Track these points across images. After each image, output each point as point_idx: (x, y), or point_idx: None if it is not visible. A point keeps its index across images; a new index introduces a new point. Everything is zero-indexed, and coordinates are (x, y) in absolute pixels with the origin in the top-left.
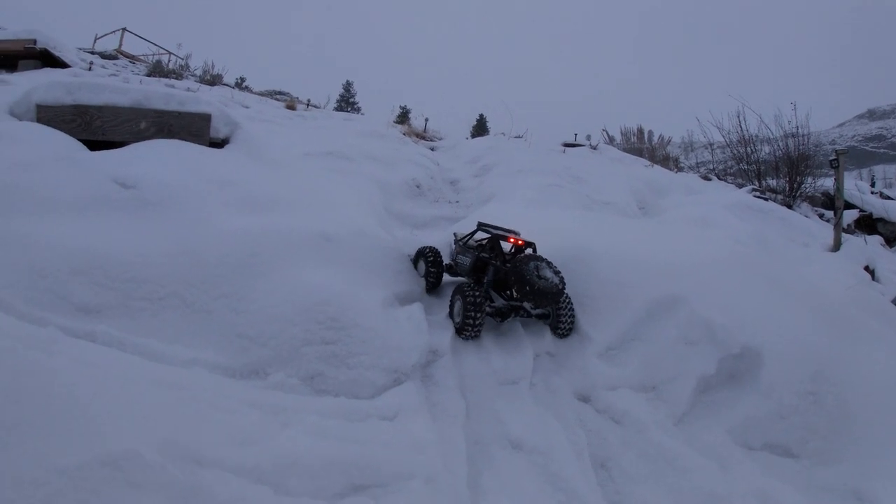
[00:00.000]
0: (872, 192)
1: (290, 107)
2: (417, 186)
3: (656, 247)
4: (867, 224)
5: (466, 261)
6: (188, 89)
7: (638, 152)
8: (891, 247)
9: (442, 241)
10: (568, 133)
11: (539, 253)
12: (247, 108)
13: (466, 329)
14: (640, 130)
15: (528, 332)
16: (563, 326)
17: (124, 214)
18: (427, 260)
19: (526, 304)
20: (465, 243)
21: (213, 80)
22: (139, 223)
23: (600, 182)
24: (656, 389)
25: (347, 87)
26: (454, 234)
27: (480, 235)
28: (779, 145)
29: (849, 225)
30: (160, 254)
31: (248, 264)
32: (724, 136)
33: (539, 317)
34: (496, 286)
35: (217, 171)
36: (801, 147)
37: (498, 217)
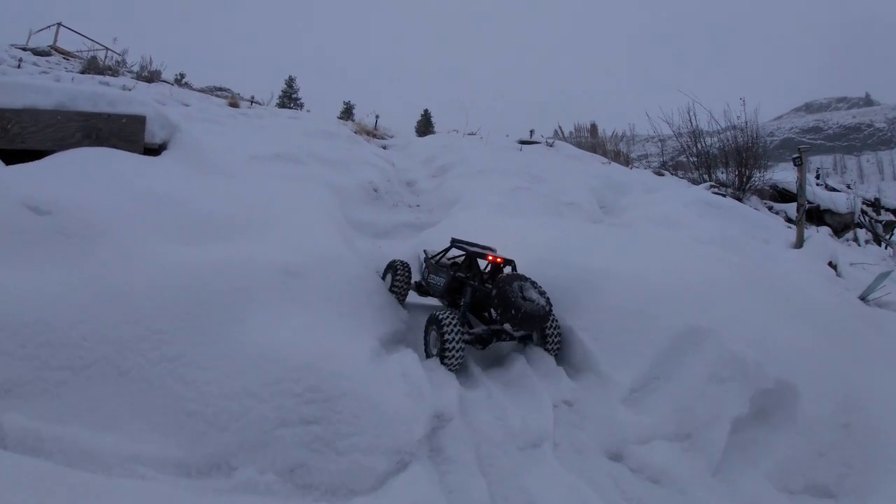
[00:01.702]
0: (818, 184)
1: (233, 104)
2: (375, 190)
3: (662, 265)
4: (815, 216)
5: (440, 281)
6: (124, 87)
7: (592, 148)
8: (838, 237)
9: (408, 252)
10: (518, 131)
11: (519, 270)
12: (187, 106)
13: (448, 360)
14: (594, 127)
15: (538, 375)
16: (552, 345)
17: (38, 251)
18: (396, 274)
19: (507, 326)
20: (437, 262)
21: (151, 77)
22: (56, 263)
23: (561, 181)
24: (691, 438)
25: (290, 82)
26: (424, 251)
27: (455, 252)
28: (727, 139)
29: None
30: (83, 304)
31: (195, 316)
32: (673, 131)
33: (521, 339)
34: (473, 308)
35: (153, 186)
36: (749, 141)
37: (467, 228)
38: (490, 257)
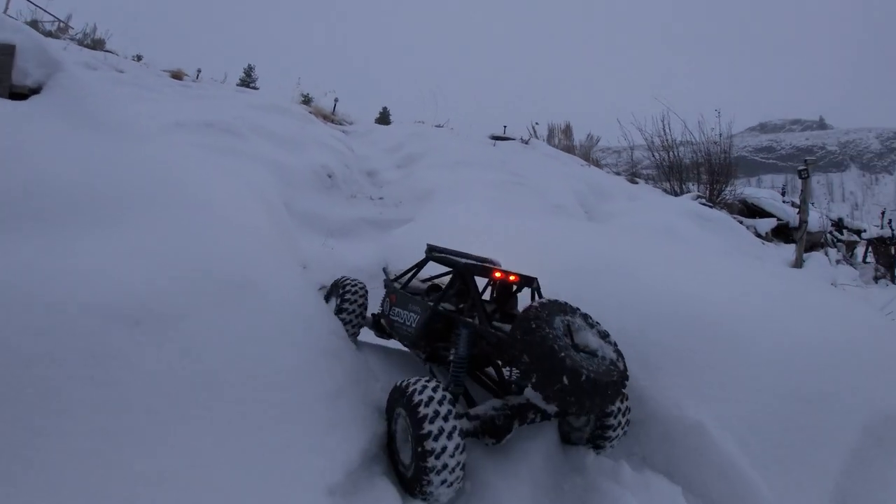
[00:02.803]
0: (784, 202)
1: (177, 76)
2: (329, 176)
3: (789, 307)
4: (783, 232)
5: (411, 317)
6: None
7: (567, 149)
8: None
9: (370, 259)
10: (488, 128)
11: (554, 297)
12: (121, 72)
13: (429, 491)
14: (568, 128)
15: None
16: (612, 435)
17: None
18: (344, 301)
19: (536, 399)
20: (405, 285)
21: (95, 45)
22: None
23: (541, 181)
24: None
25: (249, 71)
26: (384, 269)
27: (438, 267)
28: (700, 151)
29: (766, 233)
30: None
31: None
32: (646, 139)
33: (558, 415)
34: (474, 364)
35: None
36: (723, 154)
37: (453, 228)
38: (497, 273)
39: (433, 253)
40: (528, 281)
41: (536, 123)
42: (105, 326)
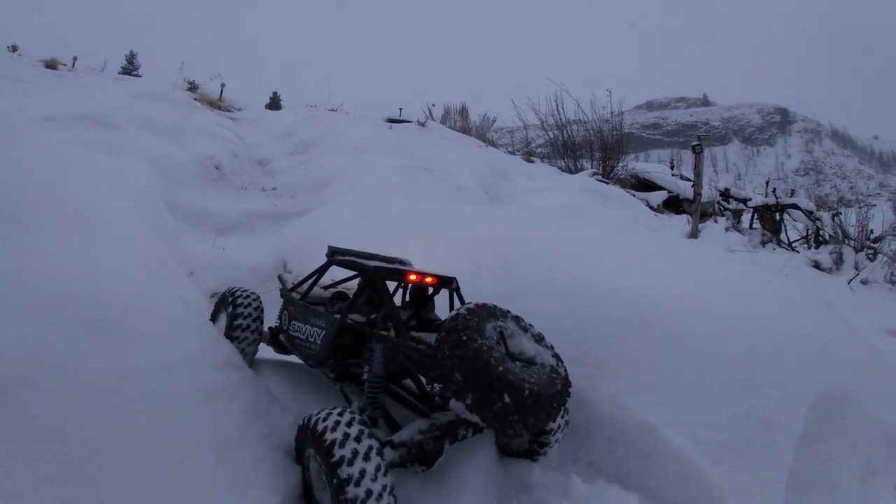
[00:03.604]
0: (673, 175)
1: (51, 66)
2: (217, 167)
3: (728, 289)
4: (672, 204)
5: (315, 333)
6: None
7: (464, 131)
8: None
9: (266, 258)
10: (385, 110)
11: (486, 298)
12: None
13: None
14: (465, 109)
15: None
16: (550, 441)
17: None
18: (236, 316)
19: (466, 413)
20: (304, 294)
21: None
22: None
23: (443, 164)
24: None
25: (131, 58)
26: (279, 277)
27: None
28: (593, 129)
29: (658, 205)
30: None
31: None
32: (540, 119)
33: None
34: (390, 378)
35: None
36: (615, 132)
37: (357, 218)
38: (412, 276)
39: (336, 256)
40: (446, 282)
41: (433, 105)
42: None
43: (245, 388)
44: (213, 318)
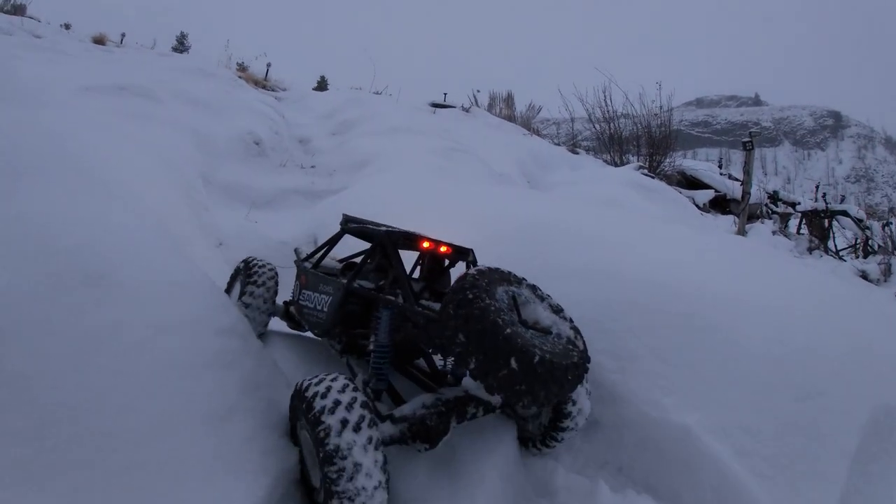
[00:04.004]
0: (721, 174)
1: (99, 41)
2: (257, 143)
3: (787, 290)
4: (720, 204)
5: (322, 300)
6: None
7: (508, 118)
8: None
9: (297, 232)
10: (430, 94)
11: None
12: (38, 38)
13: None
14: (510, 97)
15: None
16: (569, 426)
17: None
18: (249, 283)
19: (478, 391)
20: (316, 264)
21: (15, 11)
22: None
23: (484, 149)
24: None
25: (182, 38)
26: (296, 249)
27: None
28: (641, 122)
29: (704, 204)
30: None
31: None
32: (587, 110)
33: (504, 407)
34: (400, 353)
35: None
36: (663, 127)
37: (391, 198)
38: (426, 244)
39: (349, 224)
40: (462, 253)
41: (478, 91)
42: None
43: (248, 357)
44: (229, 286)
